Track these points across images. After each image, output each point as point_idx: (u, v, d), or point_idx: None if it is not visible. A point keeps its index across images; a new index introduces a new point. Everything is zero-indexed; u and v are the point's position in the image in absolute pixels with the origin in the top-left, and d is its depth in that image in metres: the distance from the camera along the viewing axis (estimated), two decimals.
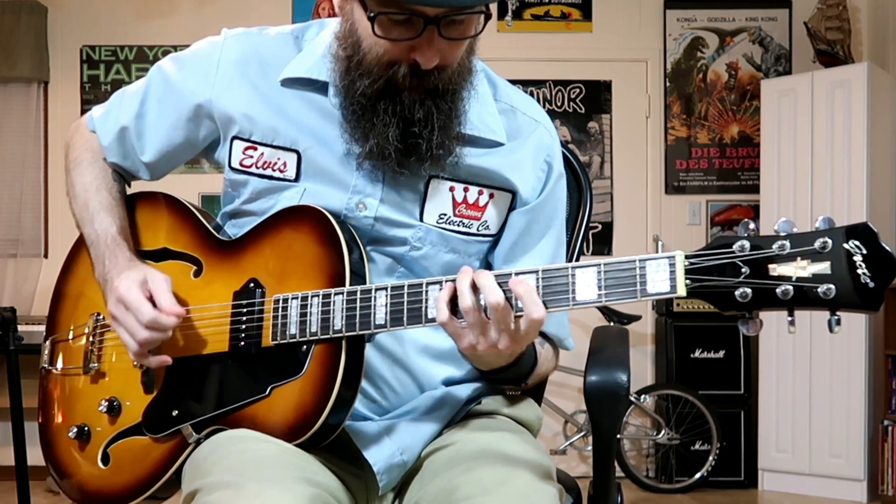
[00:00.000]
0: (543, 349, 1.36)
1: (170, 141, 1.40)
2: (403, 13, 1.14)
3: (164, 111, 1.39)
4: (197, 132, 1.38)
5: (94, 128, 1.47)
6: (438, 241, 1.32)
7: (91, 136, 1.48)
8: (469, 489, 1.13)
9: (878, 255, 0.94)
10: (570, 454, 4.77)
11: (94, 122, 1.48)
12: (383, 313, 1.15)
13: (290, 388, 1.19)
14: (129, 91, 1.45)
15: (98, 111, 1.48)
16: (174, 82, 1.38)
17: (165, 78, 1.40)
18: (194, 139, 1.39)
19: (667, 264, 1.01)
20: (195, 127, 1.38)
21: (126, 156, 1.44)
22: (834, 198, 4.30)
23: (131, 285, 1.25)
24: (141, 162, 1.43)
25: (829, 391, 4.31)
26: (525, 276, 1.08)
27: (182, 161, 1.46)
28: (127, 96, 1.45)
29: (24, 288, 4.81)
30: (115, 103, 1.46)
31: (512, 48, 4.86)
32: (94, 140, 1.47)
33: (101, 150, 1.46)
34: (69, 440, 1.38)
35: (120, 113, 1.44)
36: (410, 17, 1.14)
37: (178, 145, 1.41)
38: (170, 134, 1.40)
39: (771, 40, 5.01)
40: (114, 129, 1.44)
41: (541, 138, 1.38)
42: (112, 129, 1.44)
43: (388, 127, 1.22)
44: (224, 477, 1.10)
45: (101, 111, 1.48)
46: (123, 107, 1.44)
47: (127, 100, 1.44)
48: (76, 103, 4.90)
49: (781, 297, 0.96)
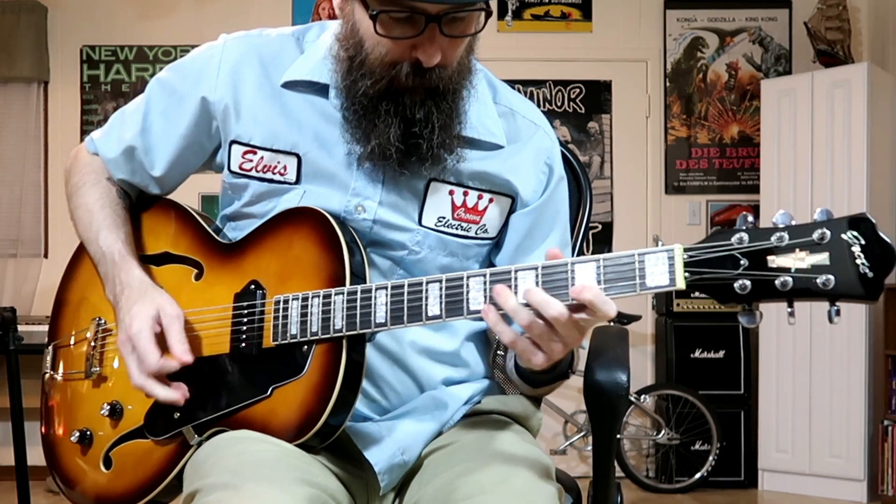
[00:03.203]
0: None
1: (178, 150, 1.39)
2: (405, 11, 1.14)
3: (169, 122, 1.37)
4: (204, 136, 1.37)
5: (96, 149, 1.45)
6: (437, 245, 1.32)
7: (93, 159, 1.46)
8: (468, 488, 1.13)
9: (877, 245, 0.93)
10: (570, 454, 4.77)
11: (94, 144, 1.46)
12: (384, 312, 1.15)
13: (292, 388, 1.19)
14: (129, 110, 1.43)
15: (98, 134, 1.46)
16: (176, 90, 1.37)
17: (166, 88, 1.38)
18: (203, 143, 1.38)
19: (665, 258, 1.01)
20: (202, 130, 1.37)
21: (135, 172, 1.42)
22: (834, 197, 4.30)
23: (142, 327, 1.23)
24: (151, 177, 1.41)
25: (829, 391, 4.31)
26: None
27: (192, 169, 1.43)
28: (127, 115, 1.43)
29: (24, 288, 4.81)
30: (115, 124, 1.44)
31: (512, 48, 4.86)
32: (96, 162, 1.45)
33: (104, 171, 1.44)
34: (72, 445, 1.38)
35: (123, 132, 1.42)
36: (412, 15, 1.15)
37: (188, 153, 1.39)
38: (178, 143, 1.38)
39: (771, 40, 5.01)
40: (118, 147, 1.41)
41: (540, 142, 1.38)
42: (116, 148, 1.42)
43: (389, 127, 1.22)
44: (223, 478, 1.10)
45: (101, 134, 1.46)
46: (126, 126, 1.42)
47: (128, 118, 1.42)
48: (76, 103, 4.90)
49: (780, 289, 0.96)
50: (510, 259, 1.37)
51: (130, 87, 4.90)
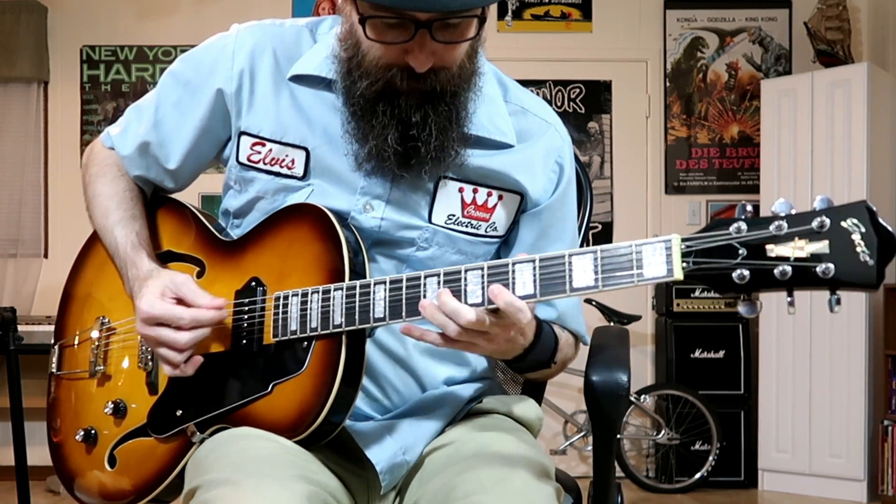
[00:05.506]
0: (564, 333, 1.36)
1: (193, 141, 1.37)
2: (394, 17, 1.14)
3: (183, 113, 1.36)
4: (219, 126, 1.36)
5: (113, 144, 1.44)
6: (445, 242, 1.32)
7: (110, 153, 1.45)
8: (468, 487, 1.13)
9: (877, 233, 0.92)
10: (570, 454, 4.77)
11: (111, 139, 1.45)
12: (382, 307, 1.15)
13: (292, 384, 1.19)
14: (143, 104, 1.42)
15: (115, 129, 1.45)
16: (190, 81, 1.36)
17: (179, 80, 1.37)
18: (218, 133, 1.36)
19: (663, 248, 1.00)
20: (217, 121, 1.35)
21: (149, 167, 1.41)
22: (834, 197, 4.18)
23: (153, 301, 1.24)
24: (165, 171, 1.41)
25: (829, 391, 4.31)
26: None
27: (207, 160, 1.42)
28: (142, 109, 1.42)
29: (24, 288, 4.81)
30: (131, 118, 1.44)
31: (512, 48, 4.86)
32: (114, 156, 1.44)
33: (121, 166, 1.43)
34: (77, 444, 1.38)
35: (138, 127, 1.41)
36: (402, 21, 1.14)
37: (203, 143, 1.38)
38: (192, 134, 1.37)
39: (771, 40, 5.01)
40: (134, 143, 1.41)
41: (551, 140, 1.38)
42: (132, 144, 1.41)
43: (386, 129, 1.22)
44: (223, 474, 1.10)
45: (118, 129, 1.45)
46: (140, 121, 1.41)
47: (143, 113, 1.41)
48: (76, 103, 4.90)
49: (780, 278, 0.94)
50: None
51: (130, 87, 4.90)
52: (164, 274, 1.28)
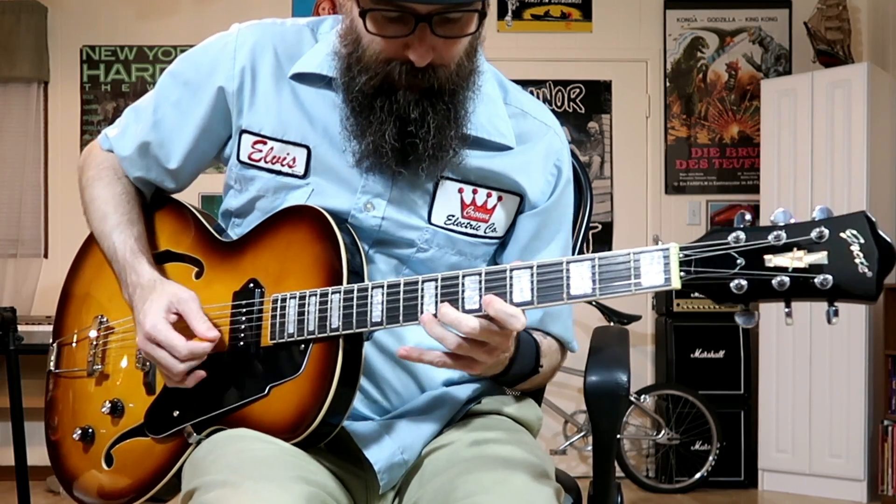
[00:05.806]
0: (546, 340, 1.35)
1: (194, 140, 1.37)
2: (395, 10, 1.14)
3: (183, 113, 1.36)
4: (220, 124, 1.35)
5: (111, 146, 1.44)
6: (445, 243, 1.32)
7: (108, 156, 1.44)
8: (467, 488, 1.13)
9: (877, 244, 0.91)
10: (570, 454, 4.77)
11: (109, 141, 1.44)
12: (380, 311, 1.14)
13: (289, 387, 1.19)
14: (142, 105, 1.42)
15: (113, 131, 1.45)
16: (190, 81, 1.36)
17: (178, 80, 1.37)
18: (219, 132, 1.36)
19: (661, 257, 1.00)
20: (218, 120, 1.35)
21: (150, 168, 1.41)
22: (834, 197, 4.30)
23: (156, 320, 1.23)
24: (166, 171, 1.40)
25: (829, 391, 4.31)
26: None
27: (208, 159, 1.41)
28: (140, 110, 1.42)
29: (24, 288, 4.81)
30: (129, 119, 1.43)
31: (512, 48, 4.86)
32: (112, 158, 1.43)
33: (119, 168, 1.42)
34: (74, 442, 1.38)
35: (138, 128, 1.40)
36: (402, 15, 1.15)
37: (203, 142, 1.37)
38: (193, 134, 1.36)
39: (771, 40, 5.01)
40: (133, 143, 1.40)
41: (551, 143, 1.38)
42: (131, 145, 1.40)
43: (384, 125, 1.21)
44: (221, 476, 1.10)
45: (115, 131, 1.44)
46: (140, 121, 1.40)
47: (141, 114, 1.41)
48: (76, 103, 4.90)
49: (777, 289, 0.94)
50: (516, 260, 1.36)
51: (130, 87, 4.90)
52: (168, 288, 1.27)
